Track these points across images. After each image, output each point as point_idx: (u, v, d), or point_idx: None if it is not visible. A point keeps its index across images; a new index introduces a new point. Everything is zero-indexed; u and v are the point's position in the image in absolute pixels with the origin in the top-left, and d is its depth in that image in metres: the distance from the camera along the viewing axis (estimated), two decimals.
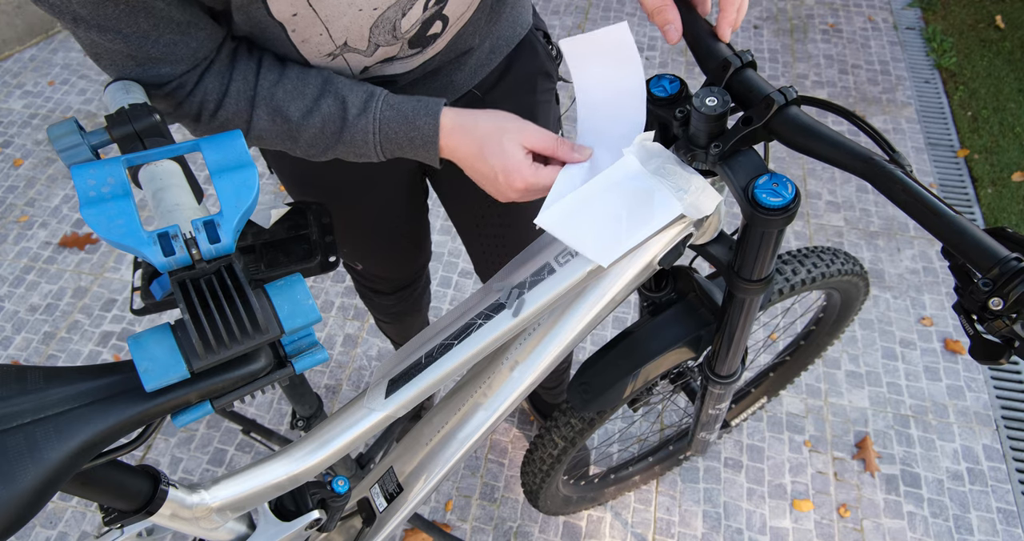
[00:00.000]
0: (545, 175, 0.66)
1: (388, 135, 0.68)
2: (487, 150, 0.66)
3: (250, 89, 0.66)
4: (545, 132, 0.67)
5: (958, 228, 0.52)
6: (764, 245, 0.67)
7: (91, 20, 0.56)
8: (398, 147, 0.69)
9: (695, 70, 2.52)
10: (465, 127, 0.67)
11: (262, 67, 0.66)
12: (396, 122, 0.67)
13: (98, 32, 0.57)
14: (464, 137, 0.67)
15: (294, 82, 0.67)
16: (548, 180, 0.66)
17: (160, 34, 0.59)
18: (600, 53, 0.67)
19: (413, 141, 0.68)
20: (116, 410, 0.49)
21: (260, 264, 0.66)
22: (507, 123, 0.67)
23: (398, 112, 0.67)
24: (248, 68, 0.66)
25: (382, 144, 0.69)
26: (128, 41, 0.58)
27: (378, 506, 0.87)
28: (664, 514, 1.53)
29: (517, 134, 0.66)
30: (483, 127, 0.67)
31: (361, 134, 0.68)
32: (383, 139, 0.68)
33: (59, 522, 1.54)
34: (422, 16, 0.71)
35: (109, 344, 1.85)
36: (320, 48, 0.68)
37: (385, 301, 1.30)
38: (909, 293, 1.88)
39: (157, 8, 0.57)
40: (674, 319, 0.88)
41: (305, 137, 0.68)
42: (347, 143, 0.69)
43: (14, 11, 2.63)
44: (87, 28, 0.57)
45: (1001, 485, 1.54)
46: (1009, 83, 2.41)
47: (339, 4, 0.64)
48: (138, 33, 0.58)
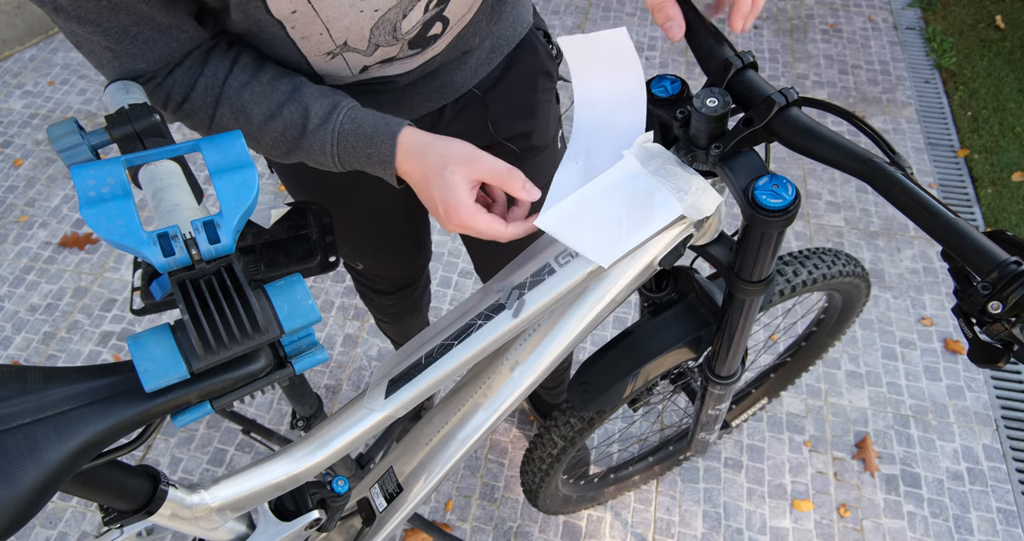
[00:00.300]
0: (483, 221, 0.63)
1: (345, 149, 0.67)
2: (430, 181, 0.64)
3: (217, 87, 0.66)
4: (496, 166, 0.64)
5: (957, 231, 0.51)
6: (764, 246, 0.67)
7: (71, 11, 0.56)
8: (356, 162, 0.68)
9: (695, 70, 2.52)
10: (417, 153, 0.65)
11: (235, 67, 0.66)
12: (355, 137, 0.67)
13: (78, 23, 0.58)
14: (414, 163, 0.65)
15: (263, 86, 0.67)
16: (485, 226, 0.63)
17: (140, 31, 0.60)
18: (600, 54, 0.66)
19: (370, 157, 0.67)
20: (116, 410, 0.49)
21: (260, 264, 0.66)
22: (455, 155, 0.64)
23: (358, 127, 0.66)
24: (220, 66, 0.66)
25: (339, 157, 0.68)
26: (108, 35, 0.59)
27: (378, 506, 0.87)
28: (664, 514, 1.53)
29: (463, 168, 0.63)
30: (431, 157, 0.65)
31: (319, 144, 0.68)
32: (340, 152, 0.68)
33: (59, 522, 1.54)
34: (423, 18, 0.71)
35: (109, 344, 1.85)
36: (320, 46, 0.69)
37: (385, 301, 1.30)
38: (909, 293, 1.88)
39: (140, 9, 0.58)
40: (674, 319, 0.88)
41: (266, 140, 0.69)
42: (305, 151, 0.69)
43: (14, 11, 2.63)
44: (67, 18, 0.57)
45: (1001, 485, 1.54)
46: (1009, 83, 2.41)
47: (340, 4, 0.64)
48: (118, 28, 0.59)
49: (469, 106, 0.89)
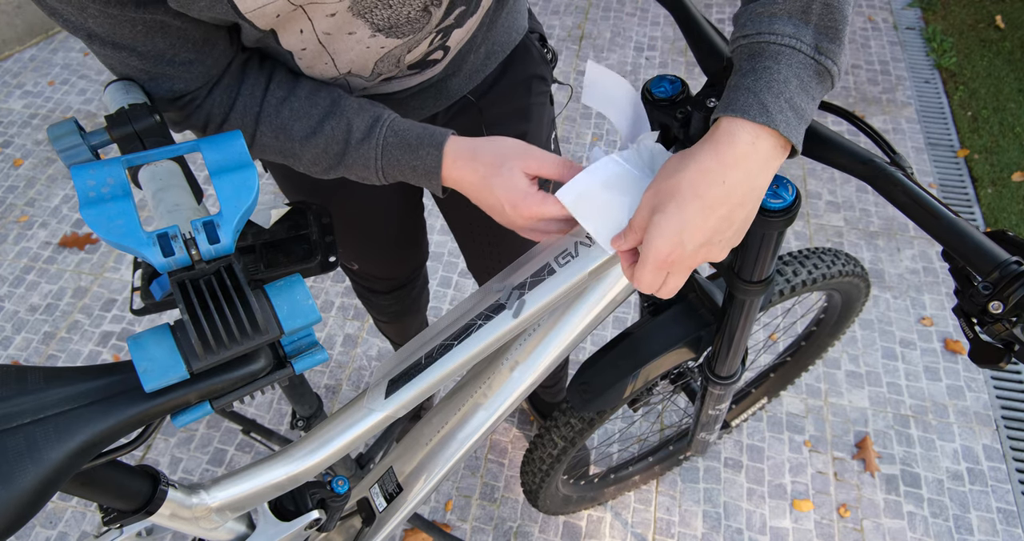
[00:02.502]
0: (552, 206, 0.63)
1: (390, 162, 0.67)
2: (492, 181, 0.64)
3: (256, 105, 0.65)
4: (549, 156, 0.64)
5: (958, 231, 0.51)
6: (764, 246, 0.67)
7: (106, 38, 0.55)
8: (400, 174, 0.68)
9: (695, 70, 2.52)
10: (467, 158, 0.65)
11: (272, 82, 0.66)
12: (399, 150, 0.66)
13: (113, 49, 0.57)
14: (466, 168, 0.65)
15: (302, 101, 0.66)
16: (556, 211, 0.63)
17: (176, 53, 0.59)
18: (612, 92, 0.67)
19: (416, 169, 0.67)
20: (116, 410, 0.49)
21: (260, 264, 0.66)
22: (509, 151, 0.64)
23: (402, 140, 0.66)
24: (257, 83, 0.65)
25: (384, 170, 0.68)
26: (144, 59, 0.58)
27: (378, 506, 0.87)
28: (664, 514, 1.53)
29: (519, 162, 0.63)
30: (484, 157, 0.64)
31: (363, 159, 0.67)
32: (385, 165, 0.67)
33: (59, 522, 1.54)
34: (426, 50, 0.72)
35: (109, 344, 1.85)
36: (324, 74, 0.69)
37: (382, 301, 1.30)
38: (909, 293, 1.88)
39: (173, 27, 0.56)
40: (674, 320, 0.88)
41: (307, 157, 0.68)
42: (349, 166, 0.68)
43: (14, 11, 2.63)
44: (102, 44, 0.56)
45: (1001, 485, 1.54)
46: (1009, 83, 2.41)
47: (347, 41, 0.64)
48: (154, 52, 0.58)
49: (463, 111, 0.89)
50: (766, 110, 0.51)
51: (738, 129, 0.52)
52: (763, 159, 0.52)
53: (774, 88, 0.51)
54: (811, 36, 0.53)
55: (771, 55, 0.53)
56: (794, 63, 0.52)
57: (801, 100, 0.52)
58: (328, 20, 0.60)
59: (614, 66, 2.55)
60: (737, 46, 0.56)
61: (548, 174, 0.64)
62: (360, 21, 0.62)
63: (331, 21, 0.61)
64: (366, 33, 0.64)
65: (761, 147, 0.52)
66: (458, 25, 0.71)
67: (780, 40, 0.53)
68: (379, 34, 0.65)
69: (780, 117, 0.51)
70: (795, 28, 0.53)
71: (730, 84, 0.54)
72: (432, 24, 0.67)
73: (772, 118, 0.51)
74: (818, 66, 0.53)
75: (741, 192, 0.53)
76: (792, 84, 0.52)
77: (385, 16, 0.62)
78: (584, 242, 0.68)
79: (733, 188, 0.52)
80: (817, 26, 0.53)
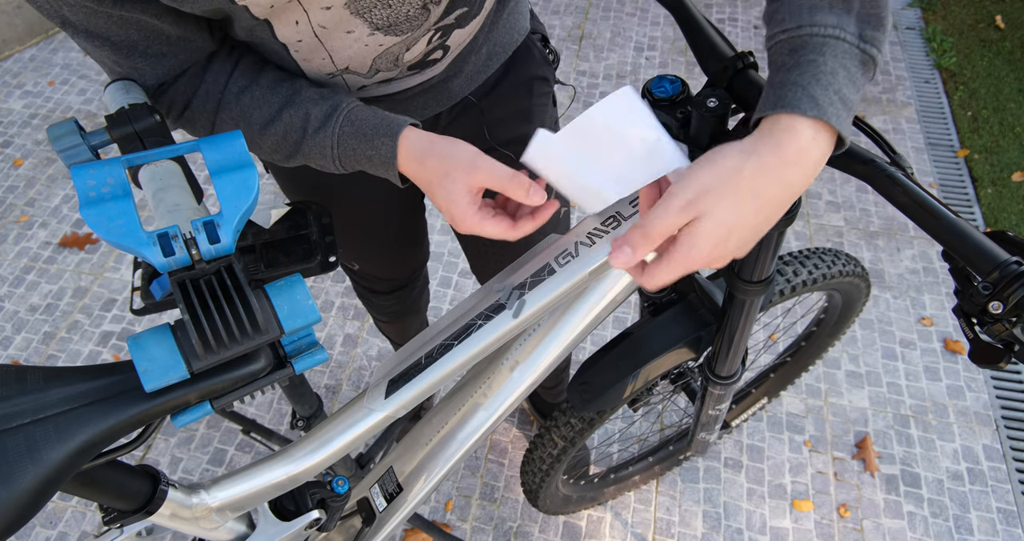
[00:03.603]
0: (488, 227, 0.62)
1: (346, 151, 0.66)
2: (433, 188, 0.63)
3: (217, 93, 0.65)
4: (498, 170, 0.60)
5: (958, 231, 0.51)
6: (765, 246, 0.67)
7: (79, 26, 0.56)
8: (357, 163, 0.67)
9: (695, 70, 2.52)
10: (416, 159, 0.64)
11: (236, 71, 0.66)
12: (354, 139, 0.65)
13: (86, 37, 0.57)
14: (414, 168, 0.64)
15: (263, 90, 0.66)
16: (491, 231, 0.62)
17: (148, 46, 0.59)
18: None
19: (372, 159, 0.66)
20: (116, 410, 0.49)
21: (260, 264, 0.65)
22: (456, 161, 0.61)
23: (357, 130, 0.65)
24: (221, 71, 0.65)
25: (340, 159, 0.67)
26: (116, 50, 0.59)
27: (378, 506, 0.87)
28: (664, 514, 1.53)
29: (464, 175, 0.61)
30: (431, 162, 0.63)
31: (319, 148, 0.67)
32: (341, 154, 0.67)
33: (59, 522, 1.54)
34: (426, 49, 0.71)
35: (109, 344, 1.85)
36: (321, 69, 0.69)
37: (382, 301, 1.30)
38: (909, 293, 1.87)
39: (150, 24, 0.57)
40: (674, 320, 0.88)
41: (267, 145, 0.68)
42: (306, 155, 0.68)
43: (14, 11, 2.63)
44: (75, 32, 0.57)
45: (1001, 485, 1.54)
46: (1009, 83, 2.41)
47: (344, 38, 0.64)
48: (127, 43, 0.58)
49: (465, 112, 0.89)
50: (817, 104, 0.49)
51: (798, 124, 0.50)
52: (821, 155, 0.51)
53: (822, 81, 0.50)
54: (854, 25, 0.52)
55: (815, 48, 0.51)
56: (839, 54, 0.51)
57: (848, 91, 0.51)
58: (324, 13, 0.60)
59: (614, 66, 2.55)
60: (776, 42, 0.54)
61: (495, 188, 0.61)
62: (358, 20, 0.62)
63: (327, 15, 0.61)
64: (365, 31, 0.64)
65: (820, 142, 0.50)
66: (459, 26, 0.71)
67: (824, 31, 0.51)
68: (378, 33, 0.65)
69: (831, 110, 0.50)
70: (837, 18, 0.52)
71: (774, 81, 0.52)
72: (430, 21, 0.67)
73: (824, 111, 0.49)
74: (863, 55, 0.52)
75: (796, 190, 0.51)
76: (839, 75, 0.51)
77: (384, 15, 0.63)
78: (584, 242, 0.68)
79: (790, 186, 0.50)
80: (859, 14, 0.52)
